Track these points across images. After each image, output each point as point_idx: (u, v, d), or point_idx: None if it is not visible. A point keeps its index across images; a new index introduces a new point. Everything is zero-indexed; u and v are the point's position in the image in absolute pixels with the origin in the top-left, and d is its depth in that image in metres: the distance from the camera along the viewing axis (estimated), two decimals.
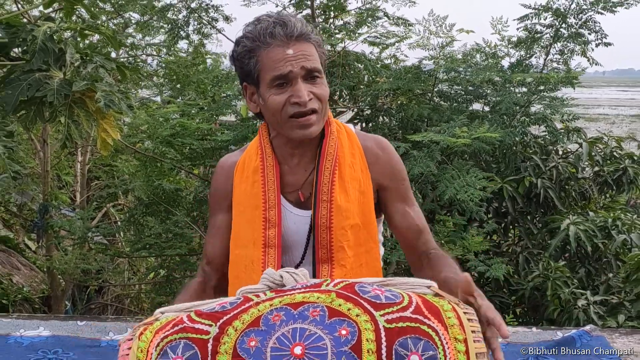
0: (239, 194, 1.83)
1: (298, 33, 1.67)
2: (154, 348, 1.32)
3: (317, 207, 1.76)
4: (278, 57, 1.67)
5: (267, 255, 1.75)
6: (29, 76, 3.14)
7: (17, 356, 2.14)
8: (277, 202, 1.78)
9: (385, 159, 1.85)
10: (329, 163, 1.78)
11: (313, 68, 1.68)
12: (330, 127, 1.81)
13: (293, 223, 1.80)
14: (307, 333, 1.27)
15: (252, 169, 1.82)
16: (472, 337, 1.29)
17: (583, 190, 5.13)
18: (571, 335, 2.27)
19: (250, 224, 1.78)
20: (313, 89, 1.69)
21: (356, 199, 1.78)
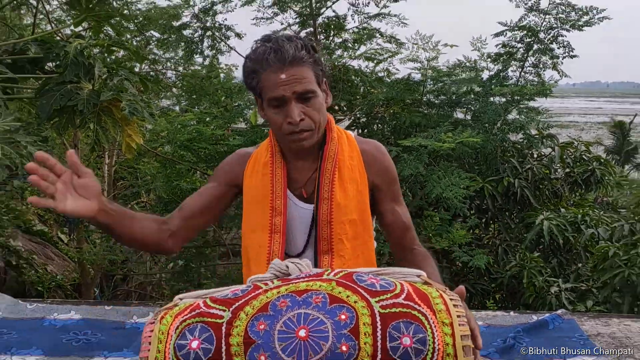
0: (250, 185, 1.84)
1: (291, 59, 1.65)
2: (173, 330, 1.32)
3: (319, 203, 1.77)
4: (273, 81, 1.67)
5: (272, 240, 1.77)
6: (62, 87, 3.15)
7: (52, 337, 2.14)
8: (283, 193, 1.78)
9: (380, 162, 1.86)
10: (329, 165, 1.79)
11: (305, 90, 1.67)
12: (332, 132, 1.82)
13: (297, 213, 1.81)
14: (310, 317, 1.27)
15: (262, 163, 1.83)
16: (457, 321, 1.29)
17: (555, 189, 5.13)
18: (545, 318, 2.27)
19: (259, 211, 1.80)
20: (306, 109, 1.69)
21: (354, 197, 1.79)
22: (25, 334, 2.14)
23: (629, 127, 18.01)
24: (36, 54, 3.29)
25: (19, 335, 2.13)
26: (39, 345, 2.05)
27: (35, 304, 2.45)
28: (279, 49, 1.65)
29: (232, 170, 1.88)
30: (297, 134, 1.70)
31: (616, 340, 2.13)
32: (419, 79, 5.02)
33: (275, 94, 1.67)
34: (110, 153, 7.37)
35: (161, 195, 5.28)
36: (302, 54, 1.67)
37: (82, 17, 3.29)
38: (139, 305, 2.41)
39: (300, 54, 1.67)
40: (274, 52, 1.66)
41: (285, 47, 1.66)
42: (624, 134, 17.60)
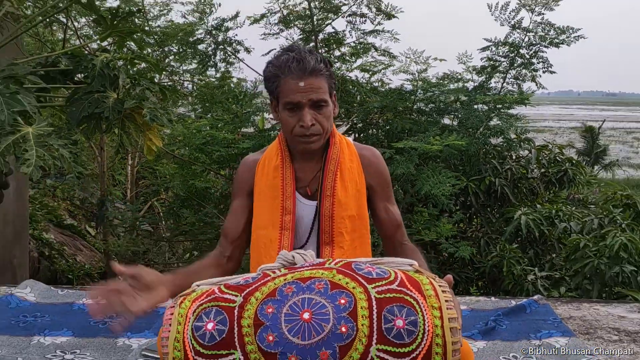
0: (261, 186, 1.84)
1: (310, 69, 1.67)
2: (191, 313, 1.32)
3: (322, 200, 1.78)
4: (292, 88, 1.68)
5: (282, 236, 1.78)
6: (90, 96, 3.15)
7: (81, 319, 2.15)
8: (292, 194, 1.80)
9: (376, 166, 1.88)
10: (332, 166, 1.80)
11: (319, 99, 1.70)
12: (334, 138, 1.83)
13: (302, 210, 1.81)
14: (313, 302, 1.28)
15: (272, 167, 1.83)
16: (445, 305, 1.30)
17: (532, 187, 5.13)
18: (522, 303, 2.27)
19: (270, 210, 1.80)
20: (317, 116, 1.71)
21: (353, 195, 1.81)
22: (57, 317, 2.15)
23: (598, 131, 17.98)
24: (66, 66, 3.29)
25: (51, 318, 2.14)
26: (69, 327, 2.06)
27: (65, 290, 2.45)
28: (301, 59, 1.68)
29: (246, 180, 1.89)
30: (307, 137, 1.72)
31: (586, 323, 2.13)
32: (411, 89, 5.02)
33: (292, 99, 1.69)
34: (133, 155, 7.37)
35: (178, 193, 5.29)
36: (320, 66, 1.69)
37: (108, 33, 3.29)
38: None
39: (319, 66, 1.69)
40: (296, 61, 1.68)
41: (307, 58, 1.68)
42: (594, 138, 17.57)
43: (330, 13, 5.10)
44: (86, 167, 6.87)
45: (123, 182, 8.05)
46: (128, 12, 3.27)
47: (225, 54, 5.40)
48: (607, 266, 3.81)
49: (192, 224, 5.21)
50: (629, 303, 2.41)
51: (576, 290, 4.00)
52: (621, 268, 3.77)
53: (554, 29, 5.00)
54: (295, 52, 1.70)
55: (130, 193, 7.48)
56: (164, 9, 6.29)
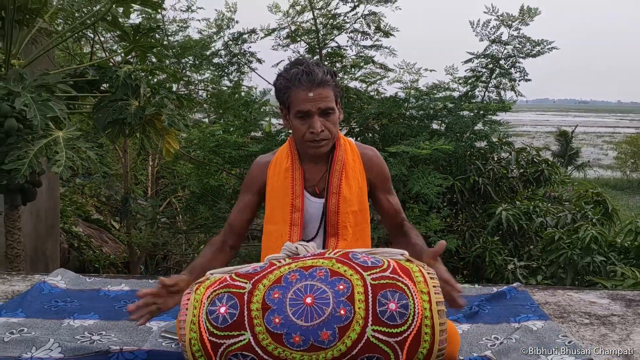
0: (273, 185, 1.84)
1: (319, 81, 1.68)
2: (205, 299, 1.33)
3: (329, 197, 1.79)
4: (302, 98, 1.69)
5: (292, 231, 1.78)
6: (114, 104, 3.15)
7: (106, 304, 2.15)
8: (301, 193, 1.80)
9: (377, 165, 1.90)
10: (338, 166, 1.81)
11: (327, 108, 1.70)
12: (339, 141, 1.84)
13: (311, 208, 1.82)
14: (315, 288, 1.28)
15: (283, 168, 1.83)
16: (433, 290, 1.30)
17: (512, 186, 5.12)
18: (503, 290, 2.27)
19: (280, 207, 1.81)
20: (326, 123, 1.72)
21: (356, 193, 1.82)
22: (85, 302, 2.15)
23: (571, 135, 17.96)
24: (93, 77, 3.30)
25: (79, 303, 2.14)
26: (96, 311, 2.06)
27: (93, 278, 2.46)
28: (310, 72, 1.68)
29: (257, 180, 1.89)
30: (317, 142, 1.73)
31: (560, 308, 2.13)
32: (404, 97, 5.02)
33: (303, 108, 1.69)
34: (153, 157, 7.37)
35: (194, 190, 5.29)
36: (327, 78, 1.70)
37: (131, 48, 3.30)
38: None
39: (326, 77, 1.69)
40: (306, 74, 1.68)
41: (315, 70, 1.68)
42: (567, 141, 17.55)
43: (334, 29, 5.11)
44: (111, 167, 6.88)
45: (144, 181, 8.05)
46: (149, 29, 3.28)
47: (239, 64, 5.40)
48: (579, 257, 3.81)
49: (206, 218, 5.21)
50: (599, 290, 2.41)
51: (551, 279, 4.00)
52: (592, 258, 3.77)
53: (530, 42, 5.00)
54: (304, 65, 1.70)
55: (151, 191, 7.48)
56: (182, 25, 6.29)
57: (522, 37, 5.00)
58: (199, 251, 6.67)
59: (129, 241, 6.40)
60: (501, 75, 5.13)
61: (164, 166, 7.42)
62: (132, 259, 6.52)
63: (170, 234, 6.57)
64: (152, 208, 6.22)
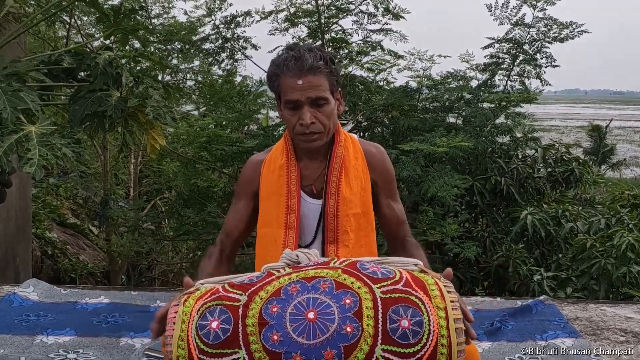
0: (266, 185, 1.84)
1: (308, 67, 1.67)
2: (195, 312, 1.33)
3: (327, 198, 1.79)
4: (290, 86, 1.69)
5: (287, 235, 1.78)
6: (93, 95, 3.15)
7: (83, 319, 2.16)
8: (297, 192, 1.80)
9: (381, 163, 1.89)
10: (337, 164, 1.80)
11: (318, 97, 1.69)
12: (339, 135, 1.84)
13: (307, 210, 1.82)
14: (318, 301, 1.28)
15: (278, 166, 1.84)
16: (450, 306, 1.29)
17: (538, 187, 5.12)
18: (528, 303, 2.27)
19: (275, 209, 1.81)
20: (317, 114, 1.71)
21: (358, 193, 1.81)
22: (60, 316, 2.16)
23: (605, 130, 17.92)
24: (69, 64, 3.30)
25: (54, 317, 2.14)
26: (72, 326, 2.06)
27: (68, 289, 2.46)
28: (299, 57, 1.68)
29: (251, 181, 1.89)
30: (308, 135, 1.72)
31: (593, 324, 2.13)
32: (416, 87, 5.02)
33: (291, 97, 1.70)
34: (136, 154, 7.38)
35: (181, 191, 5.30)
36: (319, 64, 1.69)
37: (111, 31, 3.29)
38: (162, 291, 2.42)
39: (317, 63, 1.68)
40: (294, 59, 1.68)
41: (305, 56, 1.68)
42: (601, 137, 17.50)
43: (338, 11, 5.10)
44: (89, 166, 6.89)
45: (126, 181, 8.07)
46: (131, 10, 3.28)
47: (232, 51, 5.40)
48: (614, 266, 3.81)
49: (195, 223, 5.21)
50: (636, 304, 2.41)
51: (583, 291, 3.99)
52: (628, 268, 3.76)
53: (557, 24, 4.99)
54: (295, 50, 1.71)
55: (133, 192, 7.50)
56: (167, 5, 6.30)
57: (548, 19, 5.00)
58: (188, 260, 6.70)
59: (108, 248, 6.41)
60: (525, 61, 5.12)
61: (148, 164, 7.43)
62: (112, 268, 6.53)
63: (155, 241, 6.58)
64: (134, 211, 6.23)
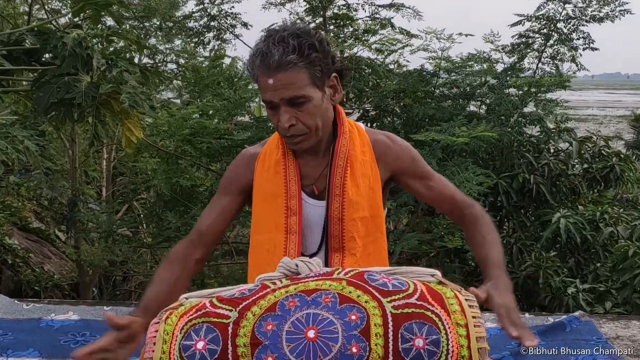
0: (261, 183, 1.82)
1: (276, 65, 1.61)
2: (179, 331, 1.32)
3: (330, 200, 1.77)
4: (262, 85, 1.65)
5: (288, 240, 1.76)
6: (59, 80, 3.15)
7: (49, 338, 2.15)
8: (297, 192, 1.78)
9: (394, 148, 1.85)
10: (341, 160, 1.78)
11: (292, 97, 1.64)
12: (343, 127, 1.82)
13: (310, 212, 1.80)
14: (319, 318, 1.28)
15: (274, 161, 1.81)
16: (472, 322, 1.29)
17: (573, 185, 5.12)
18: (561, 320, 2.27)
19: (272, 211, 1.79)
20: (297, 114, 1.66)
21: (366, 194, 1.79)
22: (22, 335, 2.15)
23: None
24: (32, 44, 3.30)
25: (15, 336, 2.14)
26: (36, 347, 2.06)
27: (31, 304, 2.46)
28: (265, 53, 1.62)
29: (241, 177, 1.87)
30: (289, 137, 1.70)
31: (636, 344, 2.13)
32: (432, 70, 5.01)
33: (265, 98, 1.67)
34: (109, 148, 7.39)
35: (162, 192, 5.29)
36: (289, 58, 1.61)
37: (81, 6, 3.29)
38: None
39: (287, 58, 1.61)
40: (261, 55, 1.63)
41: (271, 51, 1.61)
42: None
43: None
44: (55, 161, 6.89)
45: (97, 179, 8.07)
46: None
47: (220, 29, 5.39)
48: None
49: (177, 228, 5.21)
50: None
51: (624, 306, 3.99)
52: None
53: (597, 1, 4.99)
54: (264, 43, 1.64)
55: (106, 192, 7.51)
56: None
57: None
58: None
59: (78, 257, 6.42)
60: (559, 42, 5.11)
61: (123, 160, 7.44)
62: (82, 279, 6.54)
63: (132, 249, 6.58)
64: (107, 215, 6.24)
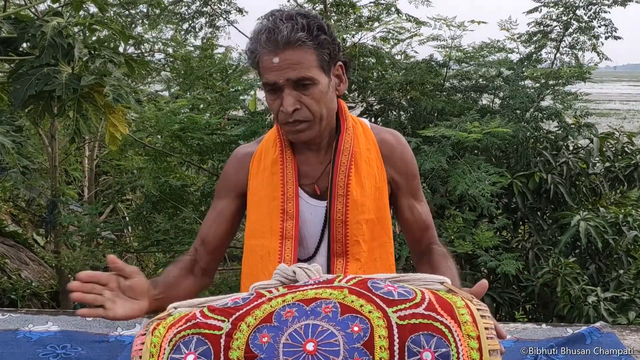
0: (256, 185, 1.82)
1: (285, 41, 1.61)
2: (167, 343, 1.32)
3: (333, 201, 1.76)
4: (266, 65, 1.65)
5: (284, 246, 1.76)
6: (38, 71, 3.15)
7: (26, 351, 2.15)
8: (295, 194, 1.78)
9: (399, 154, 1.86)
10: (345, 158, 1.78)
11: (300, 78, 1.64)
12: (347, 122, 1.81)
13: (309, 214, 1.80)
14: (319, 329, 1.28)
15: (270, 160, 1.81)
16: (485, 334, 1.29)
17: (594, 186, 5.12)
18: (581, 332, 2.27)
19: (268, 215, 1.79)
20: (302, 97, 1.66)
21: (372, 194, 1.79)
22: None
23: None
24: (9, 33, 3.29)
25: None
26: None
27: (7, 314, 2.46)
28: (272, 29, 1.62)
29: (237, 179, 1.88)
30: (292, 124, 1.68)
31: None
32: (442, 61, 5.01)
33: (268, 79, 1.66)
34: (92, 145, 7.39)
35: (149, 192, 5.29)
36: (299, 36, 1.62)
37: None
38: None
39: (296, 35, 1.61)
40: (267, 32, 1.63)
41: (279, 27, 1.62)
42: None
43: None
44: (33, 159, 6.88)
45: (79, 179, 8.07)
46: None
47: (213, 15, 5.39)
48: None
49: (166, 231, 5.21)
50: None
51: None
52: None
53: None
54: (271, 19, 1.65)
55: (89, 193, 7.51)
56: None
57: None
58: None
59: (58, 263, 6.41)
60: (579, 30, 5.12)
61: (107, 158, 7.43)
62: (62, 287, 6.53)
63: (116, 253, 6.58)
64: (89, 217, 6.23)
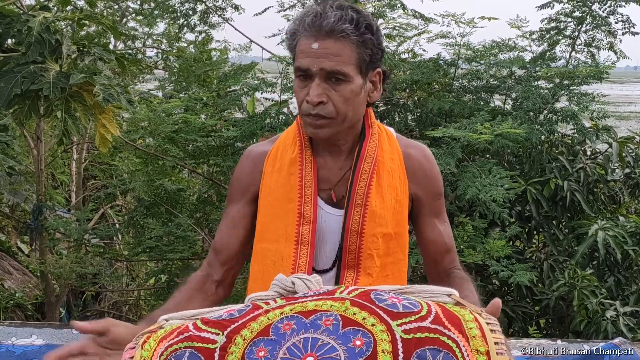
0: (270, 185, 1.81)
1: (328, 28, 1.62)
2: (157, 357, 1.32)
3: (350, 210, 1.75)
4: (303, 49, 1.66)
5: (299, 252, 1.75)
6: (24, 68, 3.16)
7: None
8: (313, 197, 1.76)
9: (426, 171, 1.85)
10: (367, 165, 1.77)
11: (333, 71, 1.64)
12: (372, 128, 1.81)
13: (325, 222, 1.79)
14: (319, 343, 1.28)
15: (288, 160, 1.80)
16: (494, 349, 1.29)
17: (613, 193, 5.10)
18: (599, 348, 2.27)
19: (282, 218, 1.78)
20: (331, 92, 1.66)
21: (392, 207, 1.78)
22: None
23: None
24: None
25: None
26: None
27: None
28: (320, 13, 1.64)
29: (249, 180, 1.87)
30: (313, 117, 1.68)
31: None
32: (450, 59, 5.01)
33: (301, 63, 1.66)
34: (80, 147, 7.37)
35: (141, 197, 5.29)
36: (344, 27, 1.63)
37: None
38: None
39: (342, 26, 1.63)
40: (313, 14, 1.64)
41: (328, 13, 1.63)
42: None
43: None
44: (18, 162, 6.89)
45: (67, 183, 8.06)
46: None
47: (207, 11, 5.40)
48: None
49: (159, 238, 5.21)
50: None
51: None
52: None
53: None
54: (321, 4, 1.66)
55: (77, 197, 7.49)
56: None
57: None
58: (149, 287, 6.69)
59: (43, 272, 6.41)
60: (595, 26, 5.11)
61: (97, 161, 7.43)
62: (47, 298, 6.52)
63: (105, 262, 6.58)
64: (78, 223, 6.23)
